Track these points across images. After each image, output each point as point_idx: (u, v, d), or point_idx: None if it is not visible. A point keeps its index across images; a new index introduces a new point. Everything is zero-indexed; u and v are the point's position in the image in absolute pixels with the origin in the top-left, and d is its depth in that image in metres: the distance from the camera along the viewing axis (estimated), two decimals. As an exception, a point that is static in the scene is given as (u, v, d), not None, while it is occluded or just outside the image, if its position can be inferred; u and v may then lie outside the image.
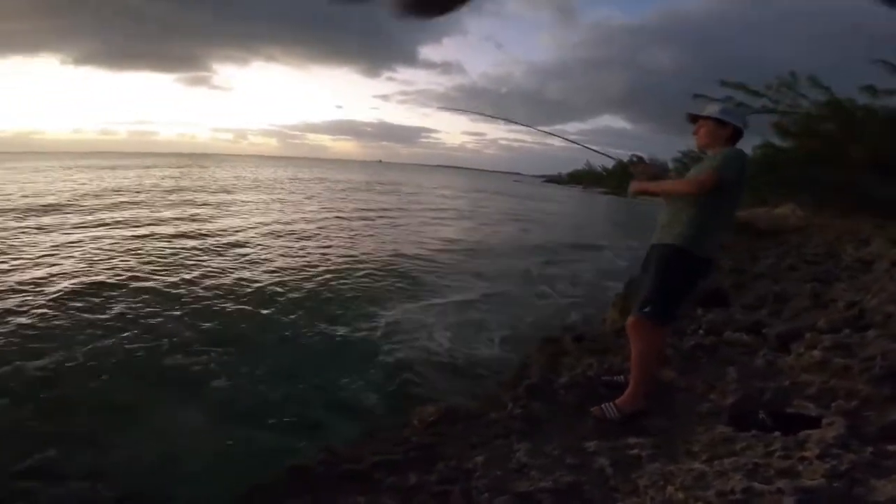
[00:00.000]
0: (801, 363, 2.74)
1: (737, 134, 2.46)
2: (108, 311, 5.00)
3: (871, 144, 10.02)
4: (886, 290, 4.55)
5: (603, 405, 2.52)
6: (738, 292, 5.16)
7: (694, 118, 2.57)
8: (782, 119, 12.04)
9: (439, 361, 4.05)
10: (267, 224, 11.78)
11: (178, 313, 4.96)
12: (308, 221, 12.90)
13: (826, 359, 2.68)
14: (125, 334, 4.30)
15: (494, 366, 3.97)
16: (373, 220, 14.55)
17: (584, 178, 72.69)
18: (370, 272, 7.39)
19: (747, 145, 2.51)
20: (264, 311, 5.17)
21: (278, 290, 6.05)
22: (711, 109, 2.52)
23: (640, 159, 2.76)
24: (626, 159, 2.88)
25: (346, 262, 7.99)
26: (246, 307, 5.29)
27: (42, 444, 2.66)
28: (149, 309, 5.13)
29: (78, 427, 2.90)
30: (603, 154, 2.92)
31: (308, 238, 10.34)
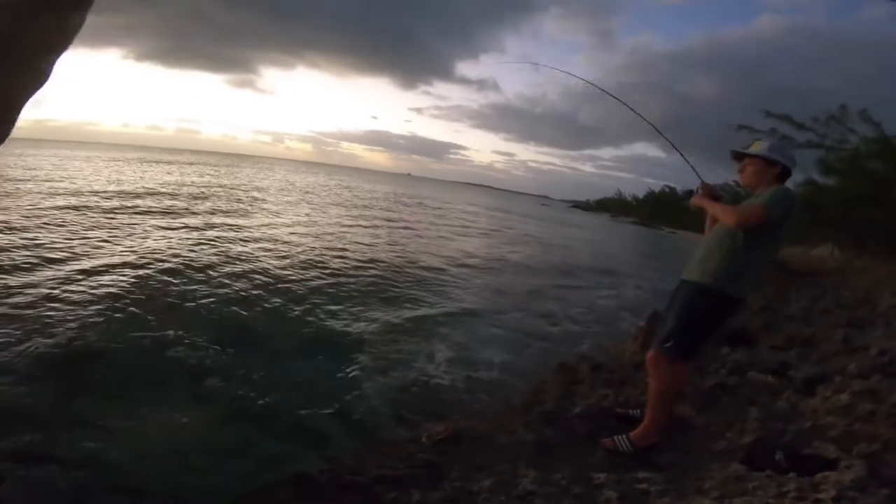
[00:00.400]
0: (827, 406, 2.64)
1: (785, 172, 2.34)
2: (119, 298, 5.05)
3: None
4: (923, 338, 4.36)
5: (615, 437, 2.47)
6: (766, 333, 5.00)
7: (739, 156, 2.45)
8: (828, 155, 11.46)
9: (446, 378, 4.00)
10: (289, 226, 11.98)
11: (190, 308, 5.02)
12: (332, 226, 13.10)
13: (852, 403, 2.58)
14: (133, 321, 4.37)
15: (502, 387, 3.90)
16: (396, 229, 14.67)
17: (612, 206, 71.97)
18: (387, 281, 7.41)
19: (789, 181, 2.45)
20: (275, 314, 5.19)
21: (290, 293, 6.09)
22: (760, 148, 2.39)
23: (710, 186, 2.66)
24: (668, 187, 2.85)
25: (362, 270, 8.05)
26: (257, 308, 5.33)
27: (41, 428, 2.66)
28: (162, 299, 5.20)
29: (83, 410, 2.90)
30: (692, 168, 2.84)
31: (327, 242, 10.47)
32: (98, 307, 4.65)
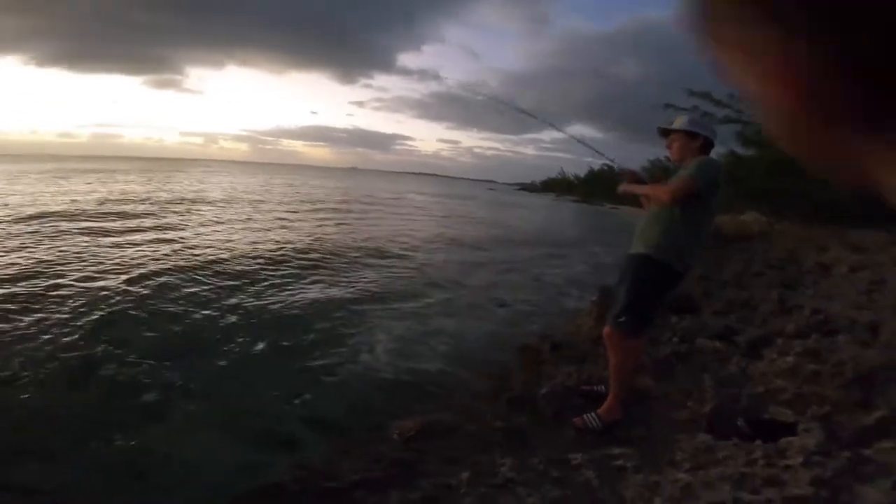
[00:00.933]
0: (774, 369, 2.81)
1: (707, 144, 2.48)
2: (54, 318, 4.70)
3: None
4: (847, 295, 4.74)
5: (584, 415, 2.52)
6: (707, 299, 5.27)
7: (665, 132, 2.57)
8: (745, 129, 12.54)
9: (407, 370, 3.95)
10: (233, 231, 11.46)
11: (132, 320, 4.72)
12: (275, 225, 12.64)
13: (797, 364, 2.75)
14: (71, 343, 4.06)
15: (466, 375, 3.89)
16: (342, 222, 14.36)
17: (556, 186, 73.88)
18: (337, 273, 7.24)
19: (714, 153, 2.55)
20: (221, 320, 4.94)
21: (236, 295, 5.84)
22: (681, 122, 2.53)
23: (632, 172, 2.76)
24: (606, 165, 2.98)
25: (303, 266, 7.83)
26: (202, 315, 5.07)
27: None
28: (99, 316, 4.87)
29: (29, 445, 2.68)
30: (600, 153, 2.96)
31: (271, 238, 10.08)
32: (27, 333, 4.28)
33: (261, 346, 4.29)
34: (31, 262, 6.76)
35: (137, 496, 2.31)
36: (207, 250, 8.33)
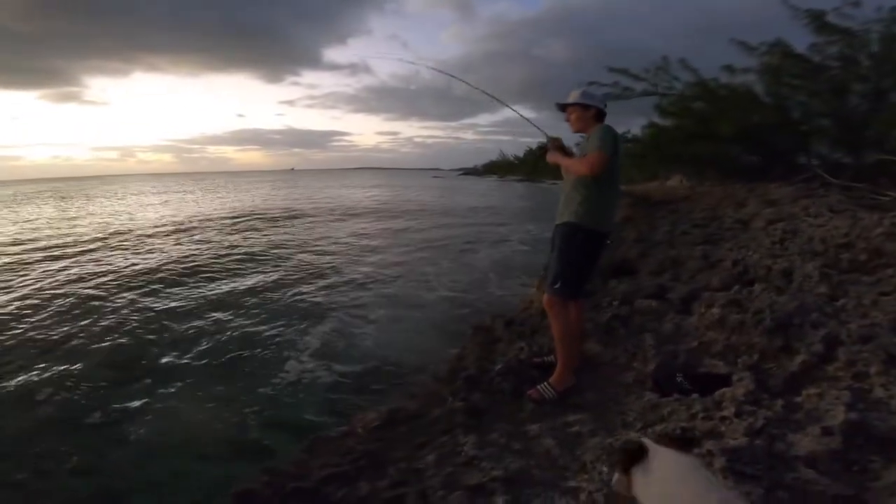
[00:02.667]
0: (704, 322, 3.04)
1: (600, 113, 2.73)
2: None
3: (733, 119, 11.38)
4: (763, 245, 5.15)
5: (538, 386, 2.64)
6: (643, 260, 5.57)
7: (563, 106, 2.80)
8: (662, 100, 13.26)
9: (367, 366, 3.97)
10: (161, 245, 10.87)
11: (82, 348, 4.47)
12: (206, 239, 12.11)
13: (723, 316, 2.98)
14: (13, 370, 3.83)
15: (423, 361, 3.96)
16: (280, 225, 13.98)
17: (498, 168, 74.90)
18: (277, 280, 7.11)
19: (635, 125, 2.81)
20: (173, 341, 4.74)
21: (180, 304, 5.65)
22: (574, 96, 2.75)
23: (559, 140, 2.94)
24: (541, 143, 3.10)
25: (244, 267, 7.67)
26: (141, 335, 4.85)
27: None
28: (48, 336, 4.59)
29: None
30: (541, 130, 3.14)
31: (203, 254, 9.69)
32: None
33: (209, 358, 4.17)
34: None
35: None
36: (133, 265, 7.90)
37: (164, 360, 4.20)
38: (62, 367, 4.00)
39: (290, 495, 2.05)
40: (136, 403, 3.40)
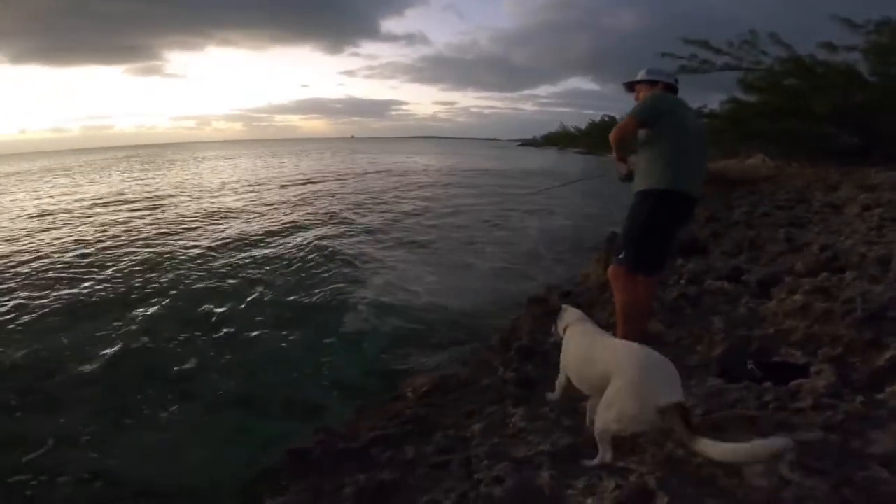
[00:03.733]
0: (783, 309, 2.78)
1: (668, 88, 2.61)
2: (80, 301, 4.83)
3: (832, 97, 10.42)
4: (858, 231, 4.67)
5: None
6: (716, 241, 5.23)
7: (630, 86, 2.75)
8: (746, 75, 12.48)
9: (420, 329, 4.02)
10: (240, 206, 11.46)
11: (154, 301, 4.81)
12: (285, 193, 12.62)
13: (807, 303, 2.72)
14: (101, 328, 4.17)
15: (476, 329, 3.95)
16: (346, 190, 14.36)
17: (558, 140, 72.83)
18: (343, 245, 7.31)
19: (712, 101, 2.62)
20: (237, 296, 5.02)
21: (252, 270, 5.93)
22: (641, 74, 2.69)
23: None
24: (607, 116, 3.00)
25: (317, 234, 7.89)
26: (217, 291, 5.16)
27: (38, 445, 2.63)
28: (123, 296, 4.98)
29: (74, 427, 2.84)
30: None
31: (282, 210, 10.13)
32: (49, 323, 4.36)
33: (276, 323, 4.36)
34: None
35: (177, 478, 2.42)
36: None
37: (244, 318, 4.42)
38: (145, 320, 4.31)
39: (339, 455, 2.10)
40: (214, 358, 3.61)
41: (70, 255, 6.77)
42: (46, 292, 5.08)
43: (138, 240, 7.64)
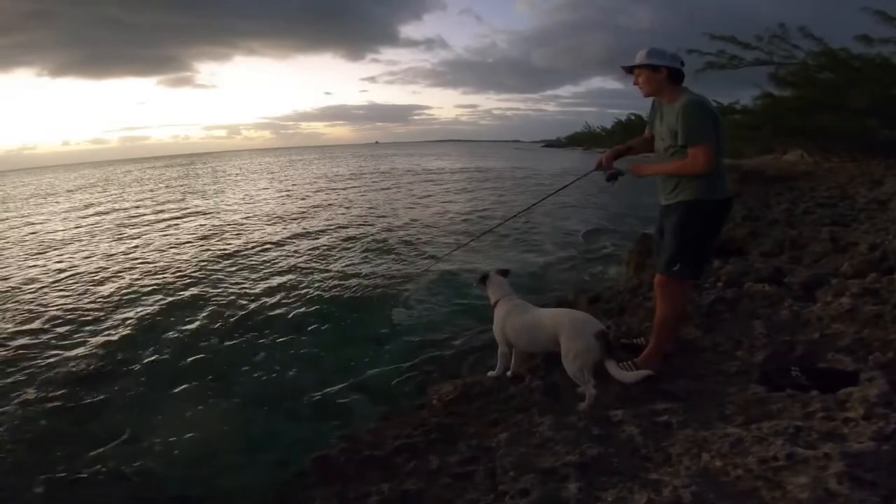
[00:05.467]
0: (830, 312, 2.62)
1: (674, 74, 2.36)
2: (127, 307, 5.01)
3: (870, 91, 10.06)
4: (909, 229, 4.39)
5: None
6: (754, 240, 5.01)
7: (629, 69, 2.50)
8: (778, 70, 12.07)
9: (449, 336, 3.98)
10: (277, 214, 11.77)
11: (199, 307, 4.98)
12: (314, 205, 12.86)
13: (855, 306, 2.55)
14: (145, 329, 4.32)
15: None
16: (375, 196, 14.52)
17: (583, 140, 71.89)
18: (379, 252, 7.37)
19: (743, 96, 2.42)
20: (275, 298, 5.13)
21: (293, 275, 6.05)
22: (640, 56, 2.43)
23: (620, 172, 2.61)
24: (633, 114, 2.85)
25: (350, 241, 7.99)
26: (256, 294, 5.28)
27: (77, 447, 2.72)
28: (163, 300, 5.14)
29: (112, 427, 2.94)
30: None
31: (317, 220, 10.33)
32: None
33: (308, 323, 4.45)
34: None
35: (208, 481, 2.48)
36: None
37: (276, 321, 4.52)
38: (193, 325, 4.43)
39: (364, 462, 2.07)
40: (244, 361, 3.68)
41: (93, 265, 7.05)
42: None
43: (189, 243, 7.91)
